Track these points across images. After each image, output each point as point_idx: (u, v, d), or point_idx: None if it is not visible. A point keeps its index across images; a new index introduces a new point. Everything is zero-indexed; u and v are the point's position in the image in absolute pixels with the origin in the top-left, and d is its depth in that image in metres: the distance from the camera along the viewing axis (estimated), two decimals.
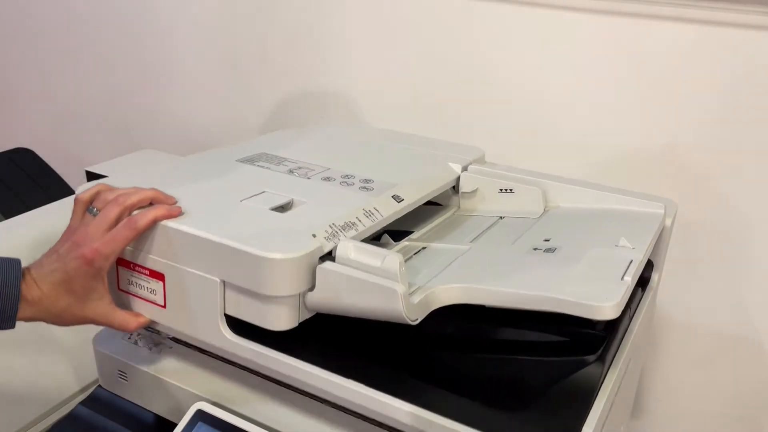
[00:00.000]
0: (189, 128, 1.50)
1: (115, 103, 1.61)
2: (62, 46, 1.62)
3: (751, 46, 0.88)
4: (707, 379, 1.07)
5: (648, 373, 1.11)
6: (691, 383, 1.09)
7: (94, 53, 1.58)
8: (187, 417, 0.66)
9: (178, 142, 1.53)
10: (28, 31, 1.66)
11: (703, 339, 1.05)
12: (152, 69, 1.50)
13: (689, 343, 1.06)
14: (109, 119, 1.64)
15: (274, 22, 1.22)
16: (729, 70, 0.90)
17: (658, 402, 1.13)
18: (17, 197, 1.16)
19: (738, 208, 0.95)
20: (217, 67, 1.39)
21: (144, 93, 1.54)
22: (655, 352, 1.09)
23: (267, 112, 1.36)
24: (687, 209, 0.96)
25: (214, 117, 1.45)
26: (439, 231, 0.76)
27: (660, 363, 1.10)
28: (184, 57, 1.43)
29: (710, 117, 0.93)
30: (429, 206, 0.79)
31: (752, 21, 0.86)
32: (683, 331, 1.06)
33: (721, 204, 0.96)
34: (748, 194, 0.94)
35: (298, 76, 1.27)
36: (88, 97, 1.65)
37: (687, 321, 1.05)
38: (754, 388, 1.04)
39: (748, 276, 0.98)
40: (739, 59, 0.89)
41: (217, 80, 1.40)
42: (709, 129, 0.94)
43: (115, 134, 1.66)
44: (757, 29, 0.86)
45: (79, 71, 1.63)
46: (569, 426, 0.55)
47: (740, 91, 0.90)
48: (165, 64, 1.47)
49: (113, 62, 1.55)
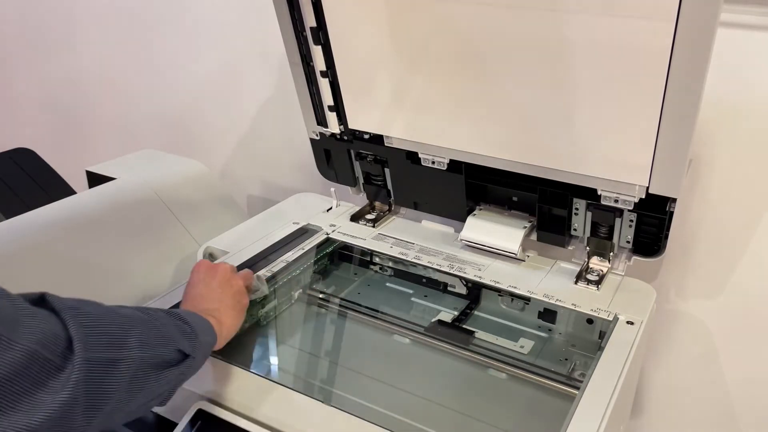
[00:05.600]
0: (189, 128, 1.50)
1: (116, 103, 1.61)
2: (62, 46, 1.62)
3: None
4: (707, 379, 1.07)
5: (648, 373, 1.11)
6: (691, 383, 1.09)
7: (95, 53, 1.58)
8: (187, 417, 0.66)
9: (178, 142, 1.53)
10: (28, 31, 1.66)
11: (703, 339, 1.05)
12: (152, 69, 1.50)
13: (689, 343, 1.06)
14: (110, 119, 1.64)
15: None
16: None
17: (658, 402, 1.13)
18: (17, 197, 1.16)
19: (739, 203, 0.95)
20: (217, 67, 1.39)
21: (144, 93, 1.54)
22: (655, 352, 1.09)
23: (269, 113, 1.36)
24: (687, 206, 0.96)
25: (215, 117, 1.45)
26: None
27: (660, 362, 1.10)
28: (184, 57, 1.43)
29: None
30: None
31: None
32: (683, 331, 1.06)
33: (722, 200, 0.96)
34: (749, 190, 0.94)
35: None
36: (88, 97, 1.65)
37: (687, 321, 1.05)
38: (755, 387, 1.04)
39: (749, 275, 0.98)
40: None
41: (217, 80, 1.40)
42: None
43: (115, 134, 1.66)
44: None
45: (79, 71, 1.62)
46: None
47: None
48: (165, 63, 1.47)
49: (113, 62, 1.55)
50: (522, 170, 0.84)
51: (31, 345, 0.43)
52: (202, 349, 0.62)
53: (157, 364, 0.56)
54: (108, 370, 0.49)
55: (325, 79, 0.91)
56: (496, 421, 0.72)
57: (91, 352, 0.48)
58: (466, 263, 0.91)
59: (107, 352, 0.50)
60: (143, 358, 0.53)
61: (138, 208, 1.04)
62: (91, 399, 0.47)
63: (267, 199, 1.45)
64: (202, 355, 0.63)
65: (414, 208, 1.02)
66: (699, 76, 0.64)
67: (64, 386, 0.45)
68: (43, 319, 0.46)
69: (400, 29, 0.79)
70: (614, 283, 0.86)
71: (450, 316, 0.89)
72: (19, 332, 0.43)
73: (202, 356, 0.63)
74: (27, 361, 0.43)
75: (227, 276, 0.75)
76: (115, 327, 0.52)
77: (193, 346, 0.60)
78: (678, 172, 0.73)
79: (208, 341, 0.65)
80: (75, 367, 0.46)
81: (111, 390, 0.49)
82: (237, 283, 0.75)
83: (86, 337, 0.48)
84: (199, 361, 0.62)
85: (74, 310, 0.49)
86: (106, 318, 0.52)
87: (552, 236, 0.89)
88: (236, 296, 0.74)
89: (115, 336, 0.52)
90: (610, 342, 0.74)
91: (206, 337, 0.64)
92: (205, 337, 0.64)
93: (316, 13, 0.85)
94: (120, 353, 0.51)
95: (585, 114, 0.74)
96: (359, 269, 1.00)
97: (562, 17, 0.67)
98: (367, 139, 0.96)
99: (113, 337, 0.51)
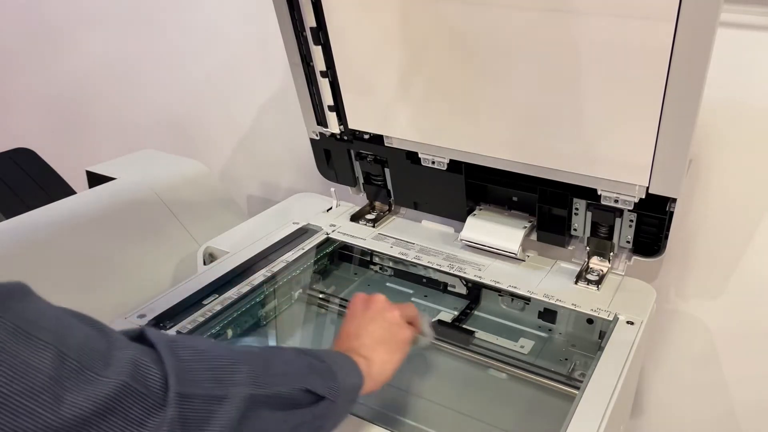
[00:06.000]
0: (189, 128, 1.50)
1: (116, 103, 1.61)
2: (63, 46, 1.62)
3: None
4: (707, 379, 1.07)
5: (648, 373, 1.11)
6: (691, 383, 1.09)
7: (95, 53, 1.58)
8: None
9: (178, 142, 1.53)
10: (28, 30, 1.66)
11: (703, 339, 1.05)
12: (152, 69, 1.50)
13: (689, 343, 1.06)
14: (110, 119, 1.64)
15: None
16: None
17: (658, 402, 1.13)
18: (17, 197, 1.16)
19: (739, 203, 0.95)
20: (217, 67, 1.39)
21: (144, 93, 1.54)
22: (655, 352, 1.09)
23: (269, 113, 1.36)
24: (687, 206, 0.96)
25: (215, 117, 1.45)
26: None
27: (660, 362, 1.10)
28: (184, 57, 1.43)
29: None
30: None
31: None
32: (683, 331, 1.06)
33: (722, 200, 0.96)
34: (749, 190, 0.94)
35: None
36: (88, 97, 1.65)
37: (687, 321, 1.05)
38: (755, 387, 1.04)
39: (749, 275, 0.98)
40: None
41: (217, 80, 1.40)
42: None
43: (115, 134, 1.66)
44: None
45: (79, 71, 1.63)
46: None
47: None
48: (165, 63, 1.47)
49: (114, 62, 1.55)
50: (522, 170, 0.84)
51: (121, 378, 0.40)
52: (343, 392, 0.55)
53: (275, 404, 0.49)
54: (210, 408, 0.45)
55: (325, 79, 0.91)
56: (496, 421, 0.72)
57: (188, 387, 0.43)
58: (466, 263, 0.91)
59: (209, 389, 0.45)
60: (254, 397, 0.47)
61: (138, 208, 1.04)
62: None
63: (267, 199, 1.45)
64: (345, 400, 0.55)
65: (414, 208, 1.02)
66: (699, 76, 0.64)
67: (159, 425, 0.41)
68: (137, 352, 0.43)
69: (400, 29, 0.79)
70: (614, 283, 0.86)
71: (450, 316, 0.89)
72: (109, 366, 0.40)
73: (345, 400, 0.55)
74: (117, 395, 0.39)
75: (380, 306, 0.67)
76: (220, 362, 0.47)
77: (329, 387, 0.53)
78: (678, 172, 0.73)
79: (353, 383, 0.57)
80: (169, 403, 0.42)
81: (215, 430, 0.44)
82: (392, 315, 0.66)
83: (183, 373, 0.44)
84: (341, 405, 0.55)
85: (173, 344, 0.45)
86: (210, 352, 0.48)
87: (552, 236, 0.89)
88: (391, 329, 0.65)
89: (218, 371, 0.47)
90: (610, 342, 0.74)
91: (350, 379, 0.56)
92: (347, 378, 0.56)
93: (316, 13, 0.85)
94: (224, 390, 0.46)
95: (585, 114, 0.74)
96: (359, 269, 1.00)
97: (562, 17, 0.67)
98: (367, 139, 0.96)
99: (217, 372, 0.46)
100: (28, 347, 0.37)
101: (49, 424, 0.36)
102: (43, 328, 0.38)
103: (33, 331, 0.37)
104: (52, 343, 0.38)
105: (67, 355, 0.38)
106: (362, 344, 0.62)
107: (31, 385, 0.36)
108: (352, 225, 1.02)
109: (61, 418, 0.36)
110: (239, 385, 0.47)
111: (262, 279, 0.87)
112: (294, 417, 0.50)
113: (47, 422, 0.36)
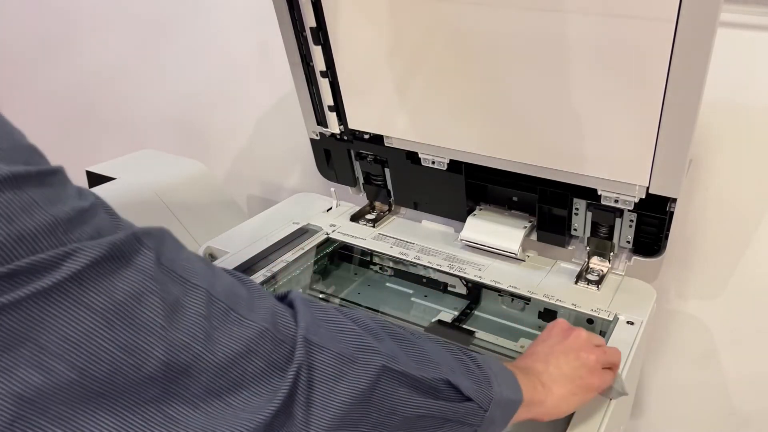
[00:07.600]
0: (189, 128, 1.50)
1: (116, 103, 1.61)
2: (64, 46, 1.62)
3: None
4: (707, 379, 1.07)
5: (648, 373, 1.11)
6: (691, 383, 1.09)
7: (96, 54, 1.58)
8: None
9: (178, 142, 1.53)
10: (29, 31, 1.66)
11: (703, 339, 1.05)
12: (153, 69, 1.50)
13: (689, 343, 1.06)
14: (110, 119, 1.64)
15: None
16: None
17: (658, 402, 1.13)
18: None
19: (739, 204, 0.95)
20: (217, 67, 1.39)
21: (144, 93, 1.54)
22: (655, 352, 1.09)
23: (268, 113, 1.36)
24: (687, 206, 0.96)
25: (215, 117, 1.45)
26: None
27: (660, 362, 1.10)
28: (184, 57, 1.43)
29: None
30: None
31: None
32: (683, 331, 1.06)
33: (721, 200, 0.96)
34: (749, 190, 0.94)
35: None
36: (88, 97, 1.65)
37: (687, 321, 1.05)
38: (755, 387, 1.04)
39: (749, 276, 0.98)
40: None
41: (217, 80, 1.40)
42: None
43: (116, 134, 1.66)
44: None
45: (80, 72, 1.63)
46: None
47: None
48: (165, 64, 1.47)
49: (114, 63, 1.55)
50: (522, 170, 0.84)
51: (263, 324, 0.42)
52: (497, 402, 0.52)
53: (409, 384, 0.47)
54: (342, 367, 0.44)
55: (325, 79, 0.91)
56: None
57: (319, 339, 0.44)
58: (466, 263, 0.91)
59: (342, 348, 0.45)
60: (389, 369, 0.46)
61: (138, 208, 1.04)
62: (318, 396, 0.43)
63: (267, 199, 1.45)
64: (500, 412, 0.53)
65: (414, 208, 1.02)
66: (699, 76, 0.64)
67: (297, 373, 0.42)
68: (277, 304, 0.45)
69: (400, 29, 0.79)
70: (614, 283, 0.86)
71: (450, 316, 0.89)
72: (253, 311, 0.42)
73: (500, 413, 0.53)
74: (260, 338, 0.41)
75: (578, 344, 0.63)
76: (357, 328, 0.48)
77: (478, 391, 0.51)
78: (678, 172, 0.73)
79: (510, 398, 0.54)
80: (302, 352, 0.42)
81: (343, 393, 0.43)
82: (587, 358, 0.61)
83: (317, 327, 0.45)
84: (494, 416, 0.52)
85: (311, 304, 0.47)
86: (347, 316, 0.48)
87: (552, 236, 0.89)
88: (580, 370, 0.60)
89: (354, 336, 0.47)
90: (610, 342, 0.74)
91: (505, 391, 0.53)
92: (503, 390, 0.53)
93: (315, 13, 0.85)
94: (358, 353, 0.45)
95: (585, 114, 0.74)
96: (359, 269, 1.00)
97: (562, 17, 0.67)
98: (367, 139, 0.96)
99: (351, 336, 0.47)
100: (183, 290, 0.39)
101: (201, 358, 0.38)
102: (195, 272, 0.40)
103: (186, 275, 0.40)
104: (203, 287, 0.40)
105: (216, 297, 0.40)
106: (546, 371, 0.60)
107: (186, 323, 0.38)
108: (352, 225, 1.02)
109: (211, 352, 0.38)
110: (374, 353, 0.46)
111: (262, 279, 0.87)
112: (428, 405, 0.49)
113: (199, 356, 0.38)
